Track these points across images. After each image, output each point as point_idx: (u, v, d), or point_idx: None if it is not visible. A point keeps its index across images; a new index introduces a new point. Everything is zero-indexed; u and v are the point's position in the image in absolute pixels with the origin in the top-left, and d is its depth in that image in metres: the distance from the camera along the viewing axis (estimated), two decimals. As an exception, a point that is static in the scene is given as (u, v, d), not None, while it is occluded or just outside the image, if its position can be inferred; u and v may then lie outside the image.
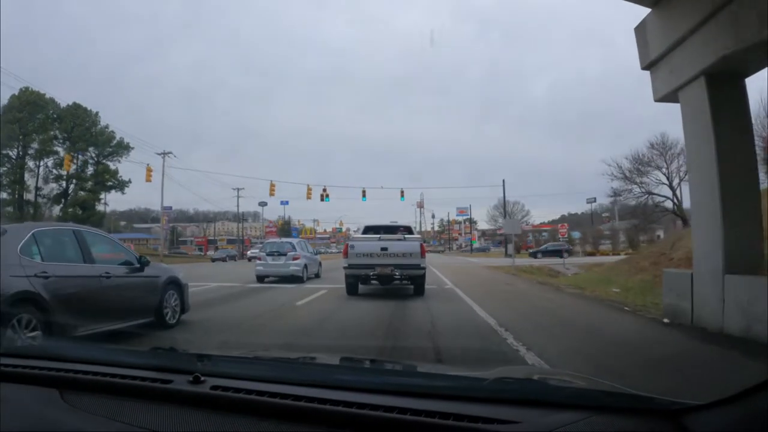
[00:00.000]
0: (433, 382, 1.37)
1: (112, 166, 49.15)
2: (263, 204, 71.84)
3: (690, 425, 1.01)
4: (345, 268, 10.91)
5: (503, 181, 57.96)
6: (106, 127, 48.35)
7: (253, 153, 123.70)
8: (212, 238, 71.61)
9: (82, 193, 47.31)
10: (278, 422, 1.12)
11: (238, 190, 65.28)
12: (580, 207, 77.27)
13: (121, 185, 49.64)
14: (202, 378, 1.28)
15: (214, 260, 42.94)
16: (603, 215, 66.24)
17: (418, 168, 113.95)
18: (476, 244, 73.77)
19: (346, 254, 10.94)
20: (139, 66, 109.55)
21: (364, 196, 35.38)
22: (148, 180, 38.75)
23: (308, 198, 36.14)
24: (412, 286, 10.91)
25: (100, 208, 52.23)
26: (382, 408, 1.12)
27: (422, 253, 10.55)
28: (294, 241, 18.35)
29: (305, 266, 16.06)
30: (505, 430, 1.02)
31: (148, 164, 36.69)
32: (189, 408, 1.18)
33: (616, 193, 37.78)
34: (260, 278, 15.84)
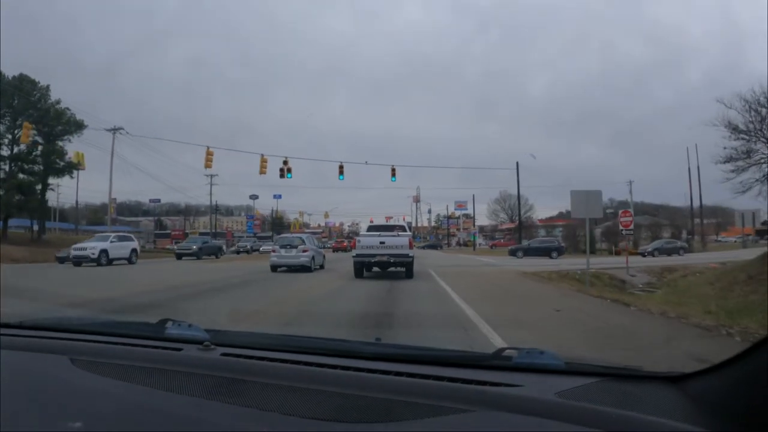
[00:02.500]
0: (438, 353, 1.43)
1: (74, 148, 42.11)
2: (254, 197, 72.75)
3: (691, 389, 1.06)
4: (353, 256, 15.44)
5: (517, 164, 50.49)
6: (58, 102, 41.59)
7: (248, 147, 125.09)
8: (188, 231, 68.22)
9: (22, 176, 40.15)
10: (290, 385, 1.13)
11: (211, 177, 60.47)
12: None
13: (68, 168, 42.95)
14: (212, 346, 1.33)
15: (180, 256, 33.68)
16: (607, 211, 65.31)
17: (415, 164, 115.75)
18: (474, 240, 68.00)
19: (354, 246, 16.15)
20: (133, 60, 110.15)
21: (341, 173, 29.22)
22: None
23: (262, 173, 29.13)
24: (404, 270, 15.03)
25: (74, 199, 47.57)
26: (391, 373, 1.17)
27: (410, 246, 15.17)
28: (304, 235, 21.67)
29: (313, 258, 18.99)
30: (511, 393, 1.05)
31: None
32: (200, 373, 1.21)
33: (733, 157, 18.67)
34: (274, 268, 18.86)
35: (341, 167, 29.39)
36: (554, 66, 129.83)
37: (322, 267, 20.69)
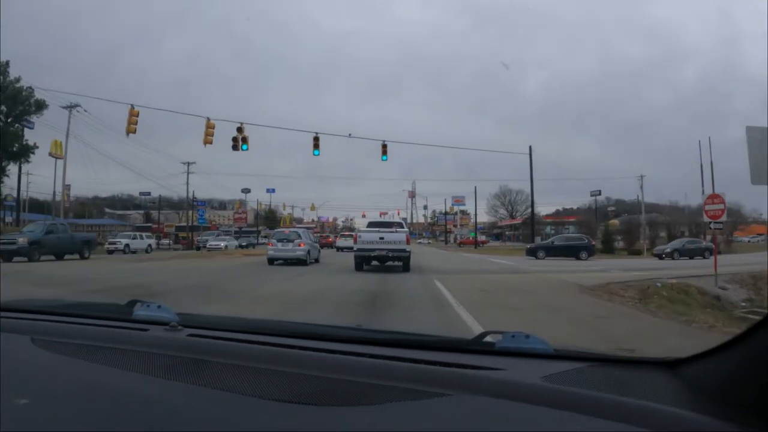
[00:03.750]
0: (418, 337, 1.36)
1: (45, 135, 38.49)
2: (246, 191, 73.14)
3: (687, 374, 1.03)
4: (354, 251, 16.51)
5: (530, 148, 43.41)
6: (17, 80, 38.47)
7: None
8: (178, 224, 65.29)
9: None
10: (255, 366, 1.09)
11: (188, 164, 56.38)
12: (576, 201, 74.72)
13: (24, 152, 39.83)
14: (179, 327, 1.31)
15: (111, 251, 30.19)
16: (609, 209, 64.54)
17: (411, 160, 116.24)
18: (473, 236, 65.39)
19: (355, 241, 16.73)
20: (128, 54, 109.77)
21: (316, 148, 23.77)
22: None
23: (207, 142, 21.63)
24: (401, 264, 16.18)
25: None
26: (365, 355, 1.13)
27: (407, 242, 16.08)
28: (300, 230, 22.36)
29: (308, 251, 19.73)
30: (492, 376, 1.01)
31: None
32: (162, 353, 1.18)
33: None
34: (271, 261, 19.42)
35: (316, 139, 24.06)
36: (551, 63, 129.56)
37: (317, 261, 21.43)
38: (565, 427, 0.84)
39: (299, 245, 19.36)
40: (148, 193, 74.54)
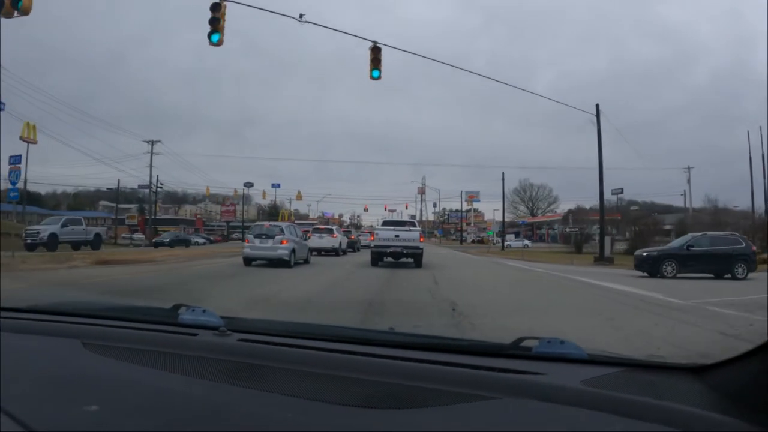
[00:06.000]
0: (458, 342, 1.43)
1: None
2: (249, 185, 71.64)
3: (714, 379, 1.08)
4: (371, 247, 18.14)
5: (597, 106, 26.76)
6: None
7: (252, 138, 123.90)
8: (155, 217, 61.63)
9: None
10: (312, 371, 1.12)
11: (152, 143, 51.74)
12: (589, 201, 73.61)
13: None
14: (228, 332, 1.32)
15: (31, 245, 25.37)
16: (631, 209, 60.59)
17: (420, 158, 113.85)
18: (492, 236, 60.76)
19: (373, 238, 18.37)
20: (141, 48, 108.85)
21: (375, 68, 14.46)
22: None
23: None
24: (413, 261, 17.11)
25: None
26: (413, 360, 1.17)
27: (420, 239, 17.48)
28: (283, 224, 19.36)
29: (293, 250, 16.87)
30: (535, 381, 1.06)
31: None
32: (217, 358, 1.20)
33: None
34: (247, 261, 16.66)
35: (375, 52, 15.40)
36: (561, 62, 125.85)
37: (306, 261, 18.51)
38: (607, 428, 0.90)
39: (281, 242, 16.50)
40: (147, 187, 73.39)
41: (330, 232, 25.46)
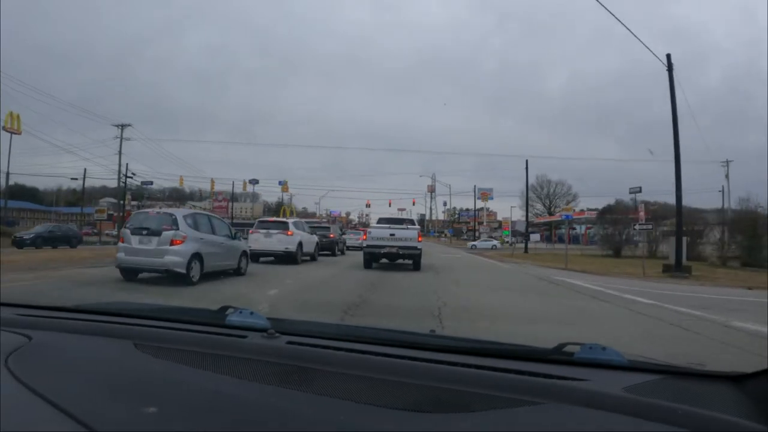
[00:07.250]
0: (499, 346, 1.40)
1: None
2: (254, 182, 71.06)
3: (753, 388, 1.10)
4: (363, 248, 16.03)
5: (668, 56, 18.82)
6: None
7: (263, 137, 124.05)
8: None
9: None
10: (361, 375, 1.13)
11: (122, 127, 48.88)
12: (599, 202, 69.62)
13: None
14: (277, 334, 1.34)
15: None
16: (651, 208, 61.25)
17: (431, 157, 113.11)
18: (507, 236, 58.69)
19: (365, 238, 16.36)
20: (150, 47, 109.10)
21: None
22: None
23: None
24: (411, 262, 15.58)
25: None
26: (458, 364, 1.17)
27: (419, 239, 15.69)
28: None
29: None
30: (579, 387, 1.07)
31: None
32: (268, 360, 1.21)
33: None
34: (126, 272, 11.20)
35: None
36: (572, 62, 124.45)
37: (313, 258, 17.71)
38: None
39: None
40: (150, 183, 73.47)
41: (283, 227, 16.55)
